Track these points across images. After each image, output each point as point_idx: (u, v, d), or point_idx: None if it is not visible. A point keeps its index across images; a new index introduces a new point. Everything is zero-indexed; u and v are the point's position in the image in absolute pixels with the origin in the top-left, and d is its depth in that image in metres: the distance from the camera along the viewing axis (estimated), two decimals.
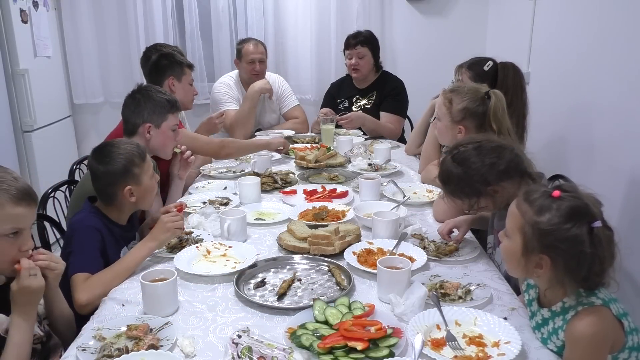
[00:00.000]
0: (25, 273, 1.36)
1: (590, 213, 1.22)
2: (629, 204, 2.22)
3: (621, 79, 2.28)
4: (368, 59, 3.44)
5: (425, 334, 1.32)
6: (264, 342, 1.26)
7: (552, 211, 1.23)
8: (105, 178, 1.81)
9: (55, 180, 2.52)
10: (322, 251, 1.76)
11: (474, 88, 2.17)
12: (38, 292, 1.39)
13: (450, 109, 2.13)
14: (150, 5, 4.18)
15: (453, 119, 2.13)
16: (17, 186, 1.36)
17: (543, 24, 3.15)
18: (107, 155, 1.81)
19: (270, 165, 2.68)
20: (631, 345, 1.26)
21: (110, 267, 1.68)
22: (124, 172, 1.79)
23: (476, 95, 2.11)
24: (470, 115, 2.10)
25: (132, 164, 1.81)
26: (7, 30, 3.53)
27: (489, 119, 2.05)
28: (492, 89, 2.12)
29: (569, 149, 2.77)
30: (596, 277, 1.22)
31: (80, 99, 4.40)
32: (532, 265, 1.27)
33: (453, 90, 2.18)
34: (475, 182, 1.65)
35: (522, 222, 1.27)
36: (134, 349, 1.27)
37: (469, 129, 2.10)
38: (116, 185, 1.80)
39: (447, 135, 2.18)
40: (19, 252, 1.39)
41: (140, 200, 1.85)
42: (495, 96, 2.07)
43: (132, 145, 1.86)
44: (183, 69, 2.81)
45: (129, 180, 1.80)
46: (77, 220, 1.79)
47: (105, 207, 1.85)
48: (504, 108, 2.08)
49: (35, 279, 1.37)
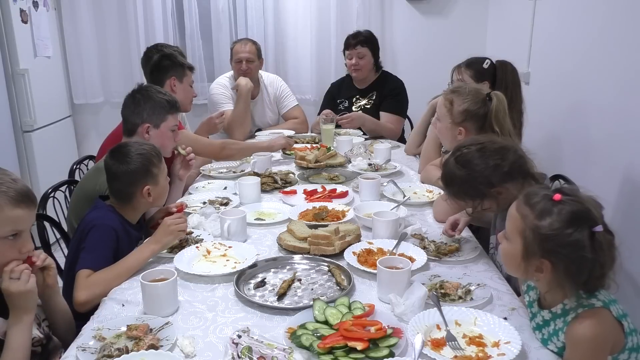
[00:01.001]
0: (6, 276, 1.34)
1: (591, 217, 1.21)
2: (627, 204, 2.22)
3: (621, 79, 2.28)
4: (368, 58, 3.45)
5: (425, 334, 1.31)
6: (264, 342, 1.26)
7: (553, 215, 1.22)
8: (125, 178, 1.83)
9: (55, 180, 2.52)
10: (322, 251, 1.76)
11: (475, 89, 2.15)
12: (21, 296, 1.34)
13: (451, 110, 2.12)
14: (150, 5, 4.18)
15: (454, 121, 2.11)
16: (16, 188, 1.36)
17: (543, 24, 3.15)
18: (127, 155, 1.84)
19: (270, 165, 2.68)
20: (631, 346, 1.26)
21: (112, 267, 1.68)
22: (144, 172, 1.84)
23: (477, 97, 2.09)
24: (471, 117, 2.08)
25: (151, 164, 1.86)
26: (7, 30, 3.54)
27: (490, 121, 2.04)
28: (493, 91, 2.11)
29: (568, 148, 2.77)
30: (596, 280, 1.22)
31: (80, 99, 4.40)
32: (532, 269, 1.27)
33: (454, 91, 2.17)
34: (479, 184, 1.64)
35: (522, 225, 1.26)
36: (134, 349, 1.28)
37: (469, 130, 2.09)
38: (135, 185, 1.84)
39: (447, 136, 2.17)
40: (19, 254, 1.38)
41: (156, 199, 1.90)
42: (496, 98, 2.05)
43: (149, 145, 1.91)
44: (184, 70, 2.82)
45: (149, 180, 1.84)
46: (96, 218, 1.80)
47: (120, 206, 1.86)
48: (505, 110, 2.07)
49: (15, 283, 1.33)
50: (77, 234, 1.83)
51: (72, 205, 2.16)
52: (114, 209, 1.86)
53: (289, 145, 2.93)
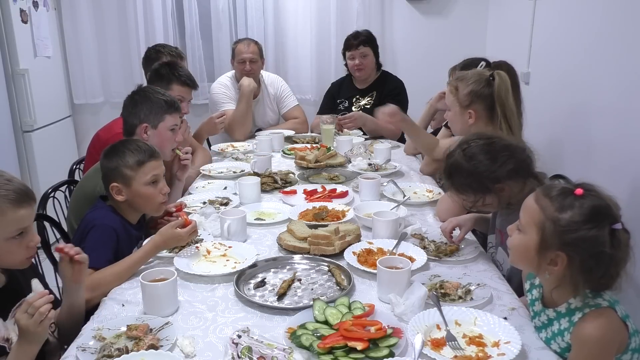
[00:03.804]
0: (24, 306, 1.27)
1: (612, 214, 1.21)
2: (628, 205, 2.21)
3: (621, 79, 2.28)
4: (371, 58, 3.46)
5: (425, 334, 1.32)
6: (264, 342, 1.26)
7: (575, 209, 1.21)
8: (102, 171, 1.87)
9: (55, 180, 2.52)
10: (322, 251, 1.76)
11: (477, 72, 2.20)
12: (28, 333, 1.27)
13: (457, 95, 2.17)
14: (150, 5, 4.18)
15: (461, 105, 2.15)
16: (14, 189, 1.36)
17: (543, 24, 3.15)
18: (110, 151, 1.87)
19: (270, 165, 2.68)
20: (633, 347, 1.26)
21: (112, 267, 1.68)
22: (113, 169, 1.83)
23: (481, 78, 2.14)
24: (478, 97, 2.13)
25: (124, 164, 1.83)
26: (7, 30, 3.54)
27: (495, 99, 2.08)
28: (496, 70, 2.14)
29: (568, 148, 2.77)
30: (610, 278, 1.21)
31: (80, 99, 4.40)
32: (545, 262, 1.26)
33: (458, 78, 2.22)
34: (485, 178, 1.64)
35: (541, 217, 1.25)
36: (134, 349, 1.28)
37: (478, 112, 2.13)
38: (105, 181, 1.85)
39: (458, 122, 2.21)
40: (26, 250, 1.40)
41: (137, 204, 1.87)
42: (499, 77, 2.09)
43: (136, 146, 1.87)
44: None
45: (117, 178, 1.83)
46: (96, 218, 1.80)
47: (119, 206, 1.87)
48: (508, 88, 2.10)
49: (26, 318, 1.26)
50: (77, 233, 1.84)
51: (72, 206, 2.16)
52: (114, 209, 1.86)
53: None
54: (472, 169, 1.66)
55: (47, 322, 1.29)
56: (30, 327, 1.26)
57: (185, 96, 2.68)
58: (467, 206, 1.81)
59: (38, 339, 1.32)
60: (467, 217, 1.89)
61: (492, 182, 1.64)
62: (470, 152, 1.68)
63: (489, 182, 1.64)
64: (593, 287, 1.23)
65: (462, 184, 1.71)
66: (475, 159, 1.67)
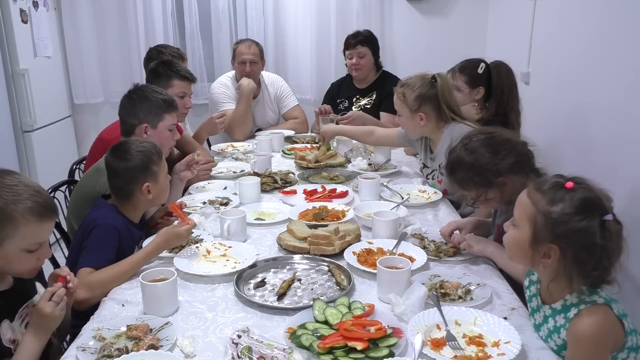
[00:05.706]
0: (47, 295, 1.36)
1: (602, 206, 1.22)
2: (627, 205, 2.21)
3: (621, 79, 2.28)
4: (369, 58, 3.45)
5: (425, 334, 1.32)
6: (264, 342, 1.26)
7: (565, 201, 1.23)
8: (125, 175, 1.84)
9: (55, 180, 2.52)
10: (322, 251, 1.76)
11: (420, 76, 2.36)
12: (51, 319, 1.36)
13: (405, 101, 2.34)
14: (150, 5, 4.18)
15: (411, 109, 2.33)
16: (41, 202, 1.35)
17: (543, 24, 3.15)
18: (127, 152, 1.85)
19: (270, 165, 2.68)
20: (630, 346, 1.26)
21: (113, 266, 1.68)
22: (143, 168, 1.84)
23: (424, 81, 2.32)
24: (425, 100, 2.30)
25: (151, 162, 1.86)
26: (7, 30, 3.54)
27: (440, 99, 2.27)
28: (437, 73, 2.32)
29: (568, 148, 2.77)
30: (604, 271, 1.22)
31: (80, 99, 4.40)
32: (539, 255, 1.27)
33: (403, 84, 2.37)
34: (487, 171, 1.66)
35: (533, 211, 1.27)
36: (133, 349, 1.28)
37: (428, 114, 2.32)
38: (135, 182, 1.84)
39: (410, 126, 2.40)
40: (37, 262, 1.40)
41: (156, 197, 1.89)
42: (440, 78, 2.30)
43: (149, 143, 1.92)
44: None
45: (148, 177, 1.84)
46: (98, 217, 1.80)
47: (121, 205, 1.87)
48: (450, 88, 2.35)
49: (51, 306, 1.35)
50: (79, 233, 1.83)
51: (72, 206, 2.16)
52: (116, 208, 1.86)
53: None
54: (473, 162, 1.68)
55: (63, 304, 1.38)
56: (56, 312, 1.35)
57: (187, 91, 2.72)
58: (469, 202, 1.82)
59: (55, 325, 1.38)
60: (467, 220, 1.90)
61: (494, 175, 1.66)
62: (471, 146, 1.71)
63: (491, 175, 1.66)
64: (588, 280, 1.23)
65: (464, 178, 1.72)
66: (477, 152, 1.69)
